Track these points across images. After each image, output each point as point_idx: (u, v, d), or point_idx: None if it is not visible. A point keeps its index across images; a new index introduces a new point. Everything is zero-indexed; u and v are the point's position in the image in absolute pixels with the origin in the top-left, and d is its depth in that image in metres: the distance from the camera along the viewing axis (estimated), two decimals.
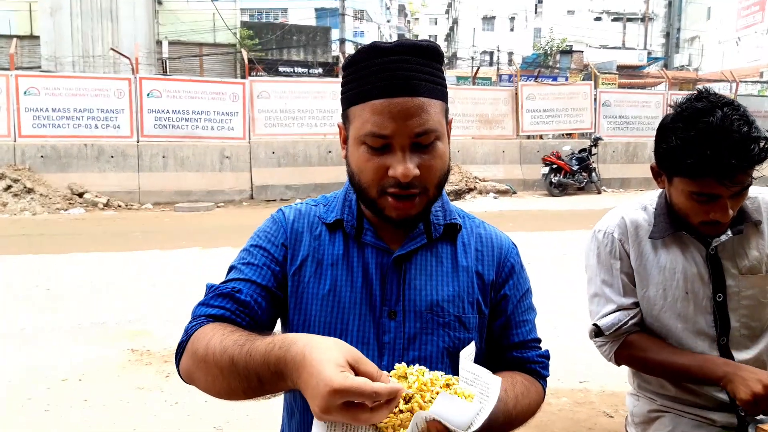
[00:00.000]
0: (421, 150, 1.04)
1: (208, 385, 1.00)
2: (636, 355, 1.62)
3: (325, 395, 0.77)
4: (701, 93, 1.46)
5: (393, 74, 1.02)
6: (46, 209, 10.81)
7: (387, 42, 1.05)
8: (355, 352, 0.83)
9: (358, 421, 0.79)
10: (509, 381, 1.12)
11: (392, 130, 1.02)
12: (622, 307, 1.62)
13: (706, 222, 1.46)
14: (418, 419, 0.82)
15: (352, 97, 1.07)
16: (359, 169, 1.07)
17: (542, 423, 3.20)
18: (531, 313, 1.24)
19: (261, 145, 13.09)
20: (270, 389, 0.92)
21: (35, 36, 17.66)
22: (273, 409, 3.39)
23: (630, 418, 1.78)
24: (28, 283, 6.04)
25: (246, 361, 0.91)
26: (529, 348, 1.22)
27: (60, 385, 3.72)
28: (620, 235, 1.62)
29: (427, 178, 1.06)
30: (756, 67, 26.64)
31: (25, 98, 11.73)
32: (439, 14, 72.30)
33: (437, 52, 1.07)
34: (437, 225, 1.17)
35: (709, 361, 1.52)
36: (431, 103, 1.04)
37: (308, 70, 20.96)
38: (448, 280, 1.15)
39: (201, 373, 1.00)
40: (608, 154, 15.44)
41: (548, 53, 33.11)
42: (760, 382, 1.40)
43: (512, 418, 1.09)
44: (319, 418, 0.81)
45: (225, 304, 1.08)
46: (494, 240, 1.23)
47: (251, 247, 1.17)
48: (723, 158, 1.34)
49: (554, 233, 8.78)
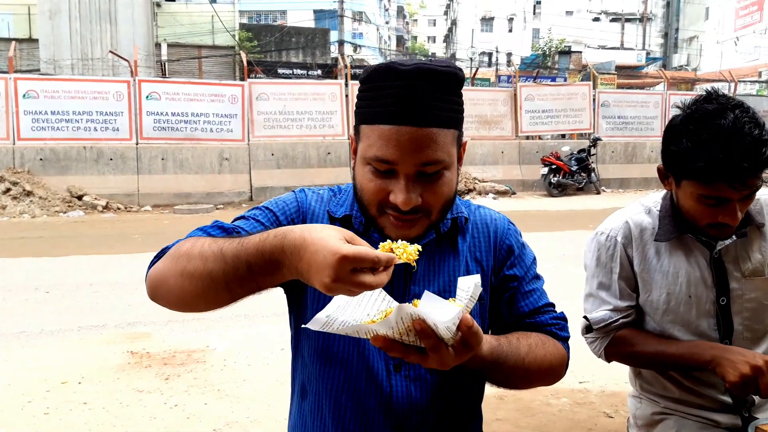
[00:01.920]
0: (426, 178, 1.05)
1: (182, 284, 0.97)
2: (625, 350, 1.62)
3: (334, 264, 0.81)
4: (710, 94, 1.44)
5: (405, 101, 1.00)
6: (45, 212, 10.80)
7: (405, 64, 1.02)
8: (348, 232, 0.88)
9: (366, 285, 0.84)
10: (522, 334, 1.15)
11: (397, 158, 1.02)
12: (616, 309, 1.62)
13: (714, 224, 1.45)
14: (403, 313, 0.86)
15: (364, 116, 1.07)
16: (362, 187, 1.09)
17: (542, 423, 3.19)
18: (537, 282, 1.25)
19: (260, 147, 13.09)
20: (258, 281, 0.93)
21: (34, 39, 17.66)
22: (273, 411, 3.38)
23: (632, 421, 1.78)
24: (28, 285, 6.04)
25: (237, 249, 0.92)
26: (541, 313, 1.23)
27: (60, 388, 3.71)
28: (624, 239, 1.61)
29: (432, 204, 1.07)
30: (754, 67, 26.67)
31: (24, 101, 11.73)
32: (438, 15, 72.36)
33: (456, 78, 1.05)
34: (446, 219, 1.18)
35: (697, 346, 1.52)
36: (441, 133, 1.03)
37: (307, 71, 20.96)
38: (450, 272, 1.17)
39: (178, 270, 0.98)
40: (607, 155, 15.44)
41: (547, 54, 33.15)
42: (748, 363, 1.39)
43: (524, 365, 1.11)
44: (328, 290, 0.84)
45: (223, 235, 1.08)
46: (489, 224, 1.24)
47: (264, 208, 1.20)
48: (735, 161, 1.33)
49: (553, 234, 8.78)
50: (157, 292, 1.04)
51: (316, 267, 0.84)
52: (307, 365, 1.20)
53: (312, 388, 1.19)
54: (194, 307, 1.01)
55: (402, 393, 1.13)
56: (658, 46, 44.58)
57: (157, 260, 1.05)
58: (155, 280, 1.03)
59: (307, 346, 1.19)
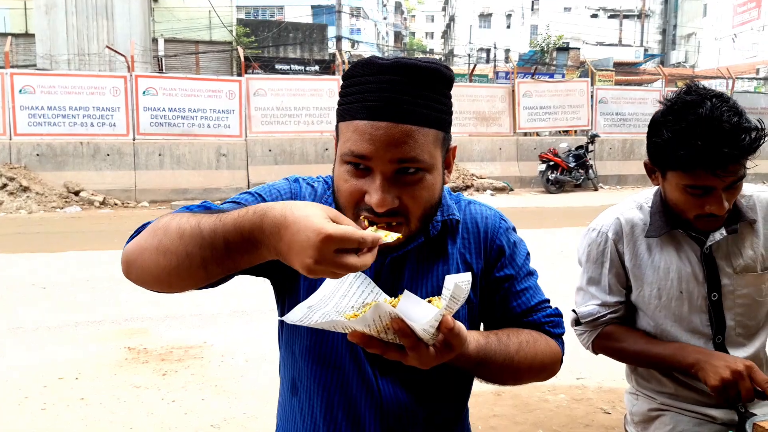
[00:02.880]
0: (404, 179, 1.00)
1: (156, 259, 0.93)
2: (612, 345, 1.64)
3: (317, 244, 0.78)
4: (689, 87, 1.46)
5: (381, 95, 0.96)
6: (42, 207, 10.78)
7: (384, 59, 1.00)
8: (332, 210, 0.84)
9: (350, 267, 0.80)
10: (513, 330, 1.13)
11: (371, 152, 0.97)
12: (605, 304, 1.64)
13: (702, 216, 1.46)
14: (381, 311, 0.83)
15: (342, 113, 1.04)
16: (338, 188, 1.04)
17: (540, 419, 3.20)
18: (530, 279, 1.22)
19: (257, 143, 13.07)
20: (236, 259, 0.88)
21: (30, 34, 17.59)
22: (271, 407, 3.38)
23: (629, 417, 1.78)
24: (24, 281, 6.02)
25: (214, 224, 0.88)
26: (535, 311, 1.20)
27: (57, 384, 3.71)
28: (615, 235, 1.62)
29: (409, 209, 1.01)
30: (752, 64, 26.68)
31: (21, 96, 11.69)
32: (436, 11, 72.22)
33: (440, 74, 1.00)
34: (435, 222, 1.14)
35: (682, 349, 1.53)
36: (421, 131, 0.98)
37: (305, 67, 20.94)
38: (439, 276, 1.14)
39: (154, 244, 0.93)
40: (605, 151, 15.46)
41: (545, 50, 33.13)
42: (729, 368, 1.40)
43: (514, 363, 1.09)
44: (310, 272, 0.80)
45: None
46: (479, 223, 1.19)
47: (255, 193, 1.16)
48: (714, 148, 1.35)
49: (551, 230, 8.79)
50: (131, 268, 0.99)
51: (298, 247, 0.80)
52: (297, 361, 1.18)
53: (303, 385, 1.17)
54: (168, 284, 0.96)
55: (390, 395, 1.12)
56: (656, 42, 44.61)
57: (135, 235, 1.01)
58: (130, 254, 0.99)
59: (298, 343, 1.17)
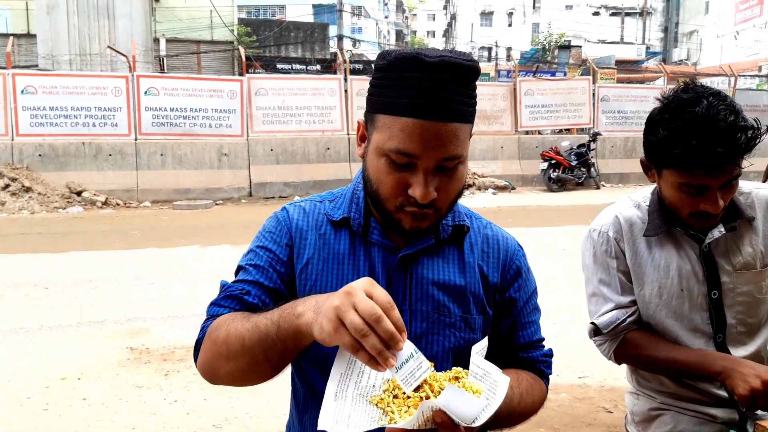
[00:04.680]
0: (443, 172, 1.04)
1: (232, 368, 1.02)
2: (634, 353, 1.61)
3: (341, 294, 0.83)
4: (687, 85, 1.46)
5: (431, 95, 0.98)
6: (44, 208, 10.80)
7: (431, 55, 1.00)
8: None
9: (368, 337, 0.81)
10: (515, 378, 1.13)
11: (421, 152, 1.00)
12: (620, 306, 1.61)
13: (697, 214, 1.45)
14: (425, 407, 0.82)
15: (383, 105, 1.03)
16: (378, 180, 1.06)
17: (542, 419, 3.20)
18: (536, 313, 1.25)
19: (259, 143, 13.07)
20: (291, 350, 0.95)
21: (32, 34, 17.61)
22: (272, 407, 3.38)
23: (630, 417, 1.77)
24: (27, 281, 6.03)
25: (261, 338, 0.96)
26: (534, 348, 1.23)
27: (59, 384, 3.71)
28: (615, 233, 1.61)
29: (443, 199, 1.06)
30: (754, 61, 26.63)
31: (23, 97, 11.70)
32: (437, 10, 72.15)
33: (477, 72, 1.04)
34: (446, 226, 1.16)
35: (708, 357, 1.51)
36: (462, 128, 1.02)
37: (306, 66, 20.91)
38: (454, 280, 1.15)
39: (224, 355, 1.02)
40: (607, 149, 15.43)
41: (546, 48, 33.08)
42: (759, 377, 1.39)
43: (515, 414, 1.11)
44: (332, 323, 0.82)
45: (234, 305, 1.10)
46: (500, 242, 1.22)
47: (257, 248, 1.17)
48: (710, 147, 1.34)
49: (553, 228, 8.79)
50: (216, 380, 1.09)
51: (323, 304, 0.86)
52: (304, 372, 1.17)
53: (315, 400, 1.14)
54: (251, 380, 1.04)
55: None
56: (657, 40, 44.51)
57: (198, 347, 1.09)
58: (207, 371, 1.08)
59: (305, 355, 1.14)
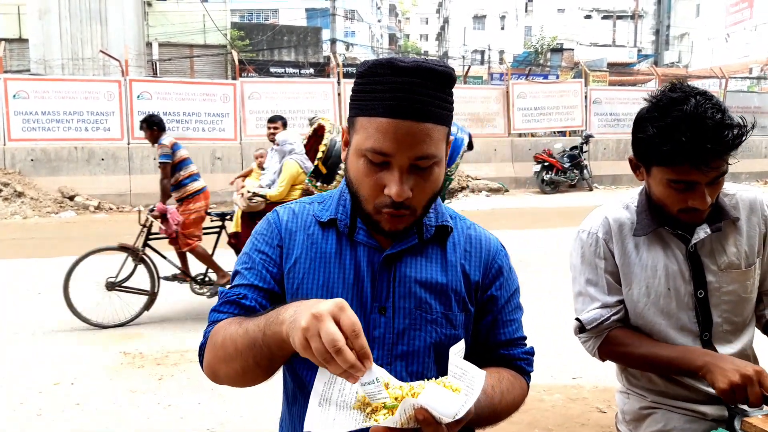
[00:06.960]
0: (417, 172, 1.07)
1: (229, 371, 1.08)
2: (618, 350, 1.64)
3: (310, 317, 0.85)
4: (674, 85, 1.50)
5: (405, 96, 1.03)
6: (36, 213, 10.74)
7: (405, 60, 1.06)
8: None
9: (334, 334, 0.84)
10: (496, 377, 1.16)
11: (394, 150, 1.04)
12: (606, 305, 1.64)
13: (685, 209, 1.49)
14: (407, 405, 0.86)
15: (361, 108, 1.09)
16: (358, 181, 1.10)
17: (535, 419, 3.21)
18: (518, 312, 1.28)
19: (252, 146, 13.02)
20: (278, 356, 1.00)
21: (24, 39, 17.53)
22: (266, 411, 3.38)
23: (621, 416, 1.79)
24: (20, 286, 6.01)
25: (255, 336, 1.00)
26: (515, 346, 1.26)
27: (52, 389, 3.70)
28: (604, 234, 1.64)
29: (418, 199, 1.09)
30: (745, 63, 26.82)
31: (14, 102, 11.66)
32: (430, 13, 72.34)
33: (451, 77, 1.10)
34: (429, 226, 1.20)
35: (690, 352, 1.54)
36: (436, 129, 1.07)
37: (299, 70, 20.91)
38: (436, 278, 1.18)
39: (221, 358, 1.08)
40: (599, 152, 15.51)
41: (539, 51, 33.22)
42: (738, 371, 1.42)
43: (497, 412, 1.14)
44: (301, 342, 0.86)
45: (233, 310, 1.15)
46: (483, 242, 1.26)
47: (251, 251, 1.21)
48: (699, 144, 1.38)
49: (546, 230, 8.82)
50: (218, 381, 1.15)
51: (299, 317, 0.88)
52: (293, 365, 1.19)
53: (303, 394, 1.18)
54: (248, 381, 1.09)
55: None
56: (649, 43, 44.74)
57: (202, 352, 1.16)
58: (210, 372, 1.14)
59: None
